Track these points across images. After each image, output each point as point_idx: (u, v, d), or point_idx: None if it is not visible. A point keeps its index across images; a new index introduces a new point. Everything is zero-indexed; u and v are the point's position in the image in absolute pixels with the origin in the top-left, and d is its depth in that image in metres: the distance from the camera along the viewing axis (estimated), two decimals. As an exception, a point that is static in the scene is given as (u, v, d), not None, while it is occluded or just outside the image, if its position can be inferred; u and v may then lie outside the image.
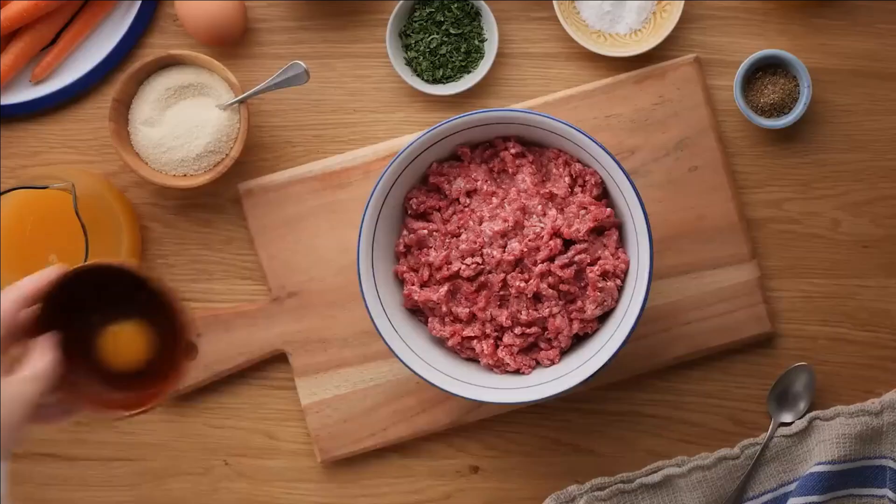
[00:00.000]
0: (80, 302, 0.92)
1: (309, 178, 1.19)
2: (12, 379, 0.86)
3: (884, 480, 1.16)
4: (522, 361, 1.11)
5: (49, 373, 0.87)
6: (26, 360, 0.87)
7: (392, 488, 1.21)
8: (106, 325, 0.94)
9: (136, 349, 0.95)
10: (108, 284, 0.92)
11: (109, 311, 0.94)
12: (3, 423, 0.84)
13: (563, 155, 1.12)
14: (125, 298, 0.94)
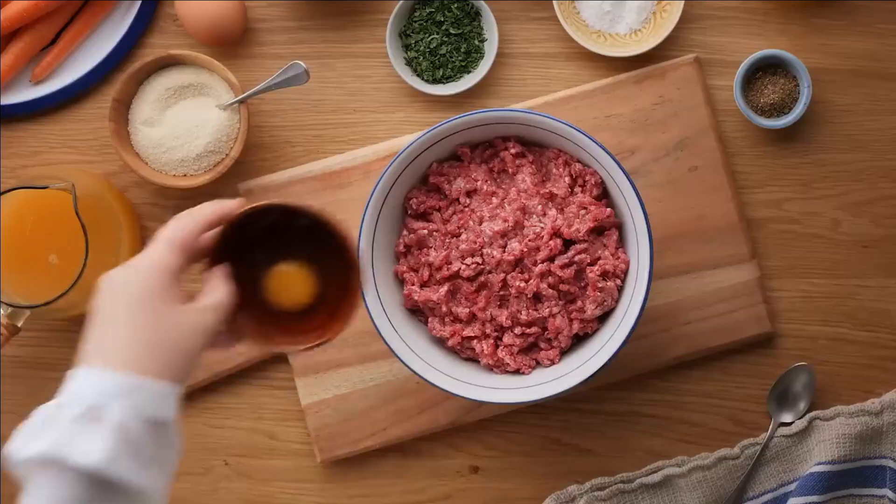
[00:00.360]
0: (251, 237, 0.93)
1: (309, 178, 1.19)
2: (194, 307, 0.87)
3: (884, 480, 1.16)
4: (522, 361, 1.11)
5: (225, 304, 0.89)
6: (205, 290, 0.89)
7: (392, 488, 1.21)
8: (274, 262, 0.95)
9: (301, 290, 0.96)
10: (280, 223, 0.93)
11: (279, 249, 0.95)
12: (186, 350, 0.85)
13: (563, 155, 1.12)
14: (296, 238, 0.94)
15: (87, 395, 0.80)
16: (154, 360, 0.83)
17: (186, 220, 0.89)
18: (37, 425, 0.79)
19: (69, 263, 1.10)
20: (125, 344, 0.83)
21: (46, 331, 1.22)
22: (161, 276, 0.86)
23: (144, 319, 0.84)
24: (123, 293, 0.85)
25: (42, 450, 0.77)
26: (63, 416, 0.79)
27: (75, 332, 1.21)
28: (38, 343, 1.22)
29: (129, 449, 0.79)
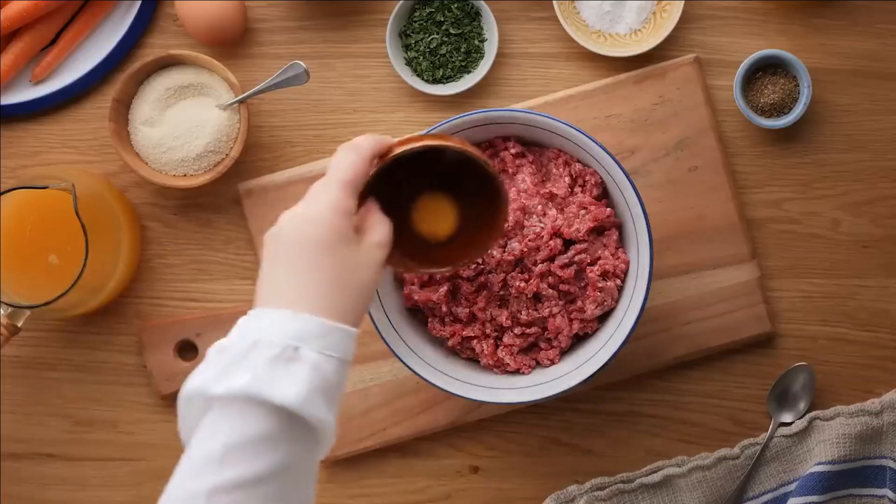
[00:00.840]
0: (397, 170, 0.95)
1: (309, 178, 1.19)
2: (366, 245, 0.90)
3: (884, 480, 1.16)
4: (522, 361, 1.11)
5: (389, 239, 0.92)
6: (367, 226, 0.91)
7: (392, 488, 1.21)
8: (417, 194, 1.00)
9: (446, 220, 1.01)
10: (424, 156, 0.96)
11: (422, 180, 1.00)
12: (366, 289, 0.89)
13: (563, 155, 1.12)
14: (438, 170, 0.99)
15: (281, 335, 0.83)
16: (340, 303, 0.87)
17: (355, 158, 0.91)
18: (226, 363, 0.82)
19: (69, 263, 1.10)
20: (314, 288, 0.86)
21: (46, 331, 1.22)
22: (342, 218, 0.89)
23: (330, 263, 0.87)
24: (309, 238, 0.87)
25: (242, 386, 0.80)
26: (261, 356, 0.82)
27: (75, 332, 1.21)
28: (38, 343, 1.22)
29: (322, 388, 0.82)
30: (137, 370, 1.22)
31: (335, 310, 0.86)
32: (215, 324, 1.20)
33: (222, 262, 1.22)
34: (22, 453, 1.22)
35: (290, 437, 0.81)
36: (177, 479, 0.80)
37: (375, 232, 0.91)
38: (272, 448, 0.80)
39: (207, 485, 0.78)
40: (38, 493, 1.22)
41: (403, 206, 0.99)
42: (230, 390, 0.80)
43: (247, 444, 0.79)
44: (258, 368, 0.81)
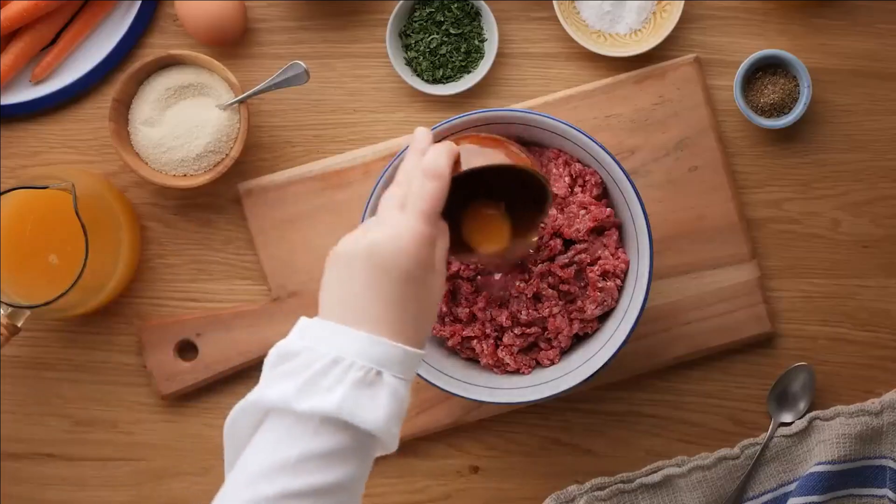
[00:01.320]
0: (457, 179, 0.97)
1: (309, 178, 1.19)
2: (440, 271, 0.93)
3: (884, 480, 1.16)
4: (522, 361, 1.11)
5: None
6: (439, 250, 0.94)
7: (392, 488, 1.21)
8: (468, 203, 1.03)
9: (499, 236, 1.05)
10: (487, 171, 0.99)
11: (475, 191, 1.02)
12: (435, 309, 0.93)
13: (563, 155, 1.12)
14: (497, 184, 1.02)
15: (365, 358, 0.86)
16: (415, 329, 0.90)
17: (439, 186, 0.92)
18: (308, 378, 0.85)
19: (69, 263, 1.10)
20: (396, 315, 0.88)
21: (46, 331, 1.22)
22: (429, 251, 0.91)
23: (414, 294, 0.90)
24: (396, 267, 0.89)
25: (330, 409, 0.83)
26: (346, 377, 0.85)
27: (75, 332, 1.21)
28: (38, 343, 1.22)
29: (398, 412, 0.87)
30: (137, 370, 1.22)
31: (411, 336, 0.89)
32: (215, 324, 1.20)
33: (222, 262, 1.22)
34: (22, 453, 1.22)
35: (363, 453, 0.86)
36: (239, 483, 0.83)
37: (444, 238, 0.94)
38: (345, 461, 0.84)
39: (279, 488, 0.81)
40: (38, 493, 1.22)
41: (452, 209, 0.99)
42: (316, 409, 0.83)
43: (322, 456, 0.83)
44: (345, 390, 0.84)
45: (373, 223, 0.92)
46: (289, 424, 0.84)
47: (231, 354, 1.20)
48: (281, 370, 0.86)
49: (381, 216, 0.92)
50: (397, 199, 0.92)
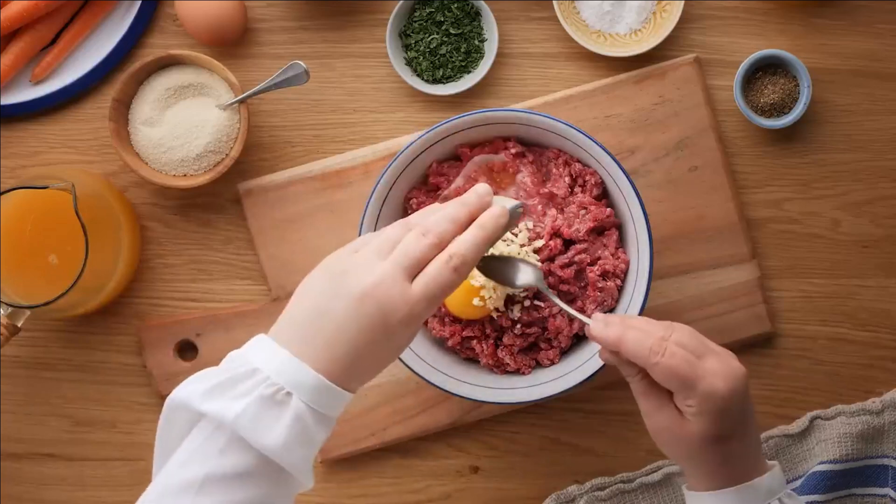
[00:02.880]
0: None
1: (309, 178, 1.19)
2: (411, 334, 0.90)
3: (885, 480, 1.16)
4: (522, 361, 1.11)
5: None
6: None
7: (392, 488, 1.21)
8: None
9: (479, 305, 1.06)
10: None
11: None
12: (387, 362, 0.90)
13: (563, 155, 1.12)
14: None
15: (281, 376, 0.85)
16: (360, 375, 0.88)
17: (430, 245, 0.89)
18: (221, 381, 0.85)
19: (69, 263, 1.10)
20: (342, 352, 0.86)
21: (46, 331, 1.22)
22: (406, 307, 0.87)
23: (375, 344, 0.87)
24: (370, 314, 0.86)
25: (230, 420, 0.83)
26: (256, 392, 0.84)
27: (75, 332, 1.21)
28: (38, 343, 1.22)
29: (301, 438, 0.85)
30: (137, 370, 1.22)
31: (346, 375, 0.87)
32: (215, 324, 1.20)
33: (222, 262, 1.22)
34: (22, 453, 1.22)
35: (268, 477, 0.84)
36: (153, 495, 0.85)
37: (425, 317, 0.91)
38: (249, 484, 0.84)
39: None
40: (38, 493, 1.22)
41: None
42: (214, 414, 0.83)
43: (225, 478, 0.83)
44: (248, 402, 0.84)
45: (371, 251, 0.89)
46: (205, 437, 0.84)
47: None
48: (209, 371, 0.87)
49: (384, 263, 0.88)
50: (411, 257, 0.88)
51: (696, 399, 0.92)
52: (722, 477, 0.94)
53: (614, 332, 0.94)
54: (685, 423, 0.93)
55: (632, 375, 0.95)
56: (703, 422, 0.92)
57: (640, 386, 0.95)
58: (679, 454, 0.95)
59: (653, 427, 0.96)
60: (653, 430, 0.96)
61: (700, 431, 0.93)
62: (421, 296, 0.87)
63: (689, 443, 0.93)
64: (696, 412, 0.92)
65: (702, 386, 0.92)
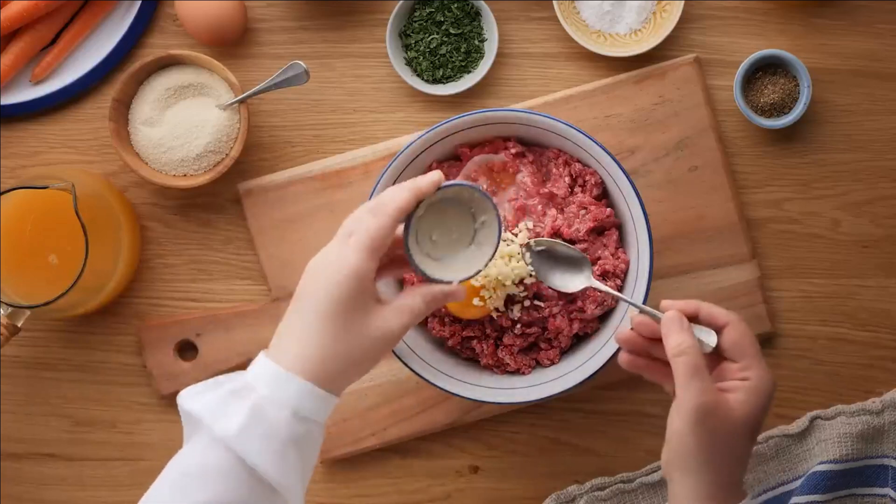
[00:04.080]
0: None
1: (309, 178, 1.19)
2: (389, 308, 0.91)
3: (885, 480, 1.16)
4: (522, 361, 1.11)
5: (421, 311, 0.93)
6: (399, 304, 0.92)
7: (392, 488, 1.21)
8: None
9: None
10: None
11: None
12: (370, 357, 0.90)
13: (563, 155, 1.12)
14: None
15: (251, 375, 0.88)
16: (334, 372, 0.89)
17: (381, 221, 0.90)
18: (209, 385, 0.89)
19: (69, 263, 1.10)
20: (311, 352, 0.88)
21: (46, 331, 1.22)
22: (358, 283, 0.89)
23: (336, 331, 0.88)
24: (324, 298, 0.88)
25: (197, 410, 0.86)
26: (225, 387, 0.87)
27: (75, 332, 1.21)
28: (38, 343, 1.22)
29: (263, 432, 0.84)
30: (137, 370, 1.22)
31: (328, 378, 0.88)
32: (215, 324, 1.20)
33: (222, 262, 1.22)
34: (22, 453, 1.22)
35: (237, 477, 0.85)
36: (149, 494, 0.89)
37: (407, 298, 0.92)
38: (219, 482, 0.85)
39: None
40: (38, 493, 1.22)
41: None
42: (184, 406, 0.87)
43: (197, 474, 0.85)
44: (215, 397, 0.87)
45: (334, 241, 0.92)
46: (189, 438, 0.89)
47: (231, 354, 1.20)
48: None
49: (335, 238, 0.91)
50: (347, 228, 0.91)
51: (756, 373, 0.93)
52: (719, 487, 0.92)
53: (690, 301, 0.96)
54: (733, 407, 0.92)
55: (691, 346, 0.92)
56: (752, 402, 0.92)
57: (697, 360, 0.92)
58: (711, 446, 0.92)
59: (702, 410, 0.91)
60: (700, 415, 0.91)
61: (747, 414, 0.92)
62: (353, 247, 0.89)
63: (732, 427, 0.92)
64: (753, 387, 0.93)
65: (763, 364, 0.94)
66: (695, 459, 0.92)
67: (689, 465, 0.93)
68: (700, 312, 0.96)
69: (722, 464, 0.92)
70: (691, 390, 0.92)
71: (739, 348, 0.94)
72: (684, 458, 0.93)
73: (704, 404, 0.91)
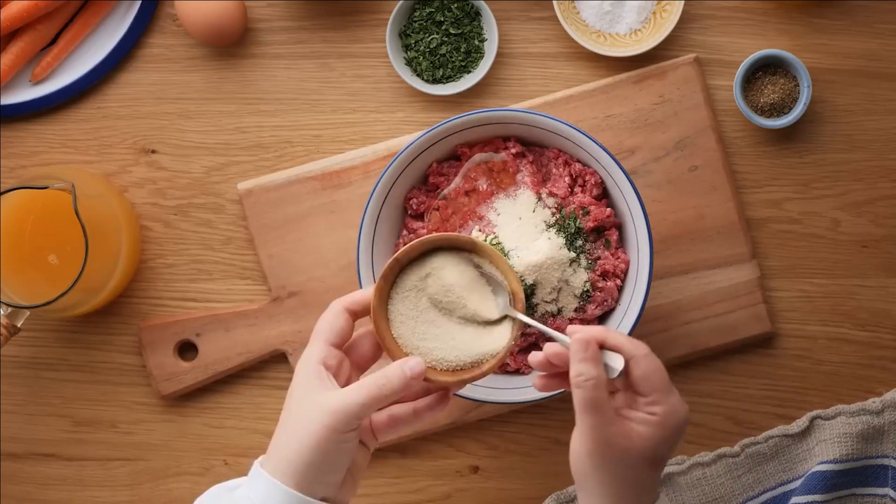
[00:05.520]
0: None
1: (309, 178, 1.19)
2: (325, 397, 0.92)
3: (885, 480, 1.16)
4: (522, 361, 1.11)
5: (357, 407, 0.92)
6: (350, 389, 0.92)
7: (392, 488, 1.21)
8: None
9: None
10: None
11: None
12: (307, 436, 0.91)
13: (563, 155, 1.12)
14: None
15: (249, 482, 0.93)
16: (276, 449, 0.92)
17: (325, 314, 0.96)
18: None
19: (69, 263, 1.10)
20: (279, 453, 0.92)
21: (46, 331, 1.22)
22: (311, 367, 0.93)
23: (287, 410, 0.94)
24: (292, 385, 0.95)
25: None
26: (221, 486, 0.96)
27: (75, 332, 1.22)
28: (38, 343, 1.22)
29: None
30: (137, 370, 1.22)
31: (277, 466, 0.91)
32: (215, 324, 1.20)
33: (222, 262, 1.22)
34: (22, 453, 1.22)
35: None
36: None
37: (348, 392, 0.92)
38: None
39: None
40: (38, 493, 1.22)
41: None
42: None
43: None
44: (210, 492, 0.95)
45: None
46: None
47: (231, 354, 1.20)
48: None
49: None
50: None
51: (663, 408, 0.92)
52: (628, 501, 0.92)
53: (599, 328, 0.94)
54: (633, 440, 0.91)
55: (590, 379, 0.90)
56: (656, 438, 0.91)
57: (594, 394, 0.90)
58: (607, 474, 0.91)
59: (596, 441, 0.90)
60: (594, 446, 0.90)
61: (648, 448, 0.91)
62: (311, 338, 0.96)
63: (630, 461, 0.91)
64: (658, 422, 0.91)
65: (673, 399, 0.92)
66: (592, 484, 0.92)
67: (589, 489, 0.92)
68: (607, 342, 0.94)
69: (620, 490, 0.91)
70: (584, 423, 0.91)
71: (647, 383, 0.92)
72: (583, 481, 0.93)
73: (596, 438, 0.90)
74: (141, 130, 1.22)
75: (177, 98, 1.22)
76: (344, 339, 0.96)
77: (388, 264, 0.97)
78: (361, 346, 0.98)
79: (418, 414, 0.97)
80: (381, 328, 0.97)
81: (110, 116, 1.22)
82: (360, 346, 0.98)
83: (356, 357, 0.98)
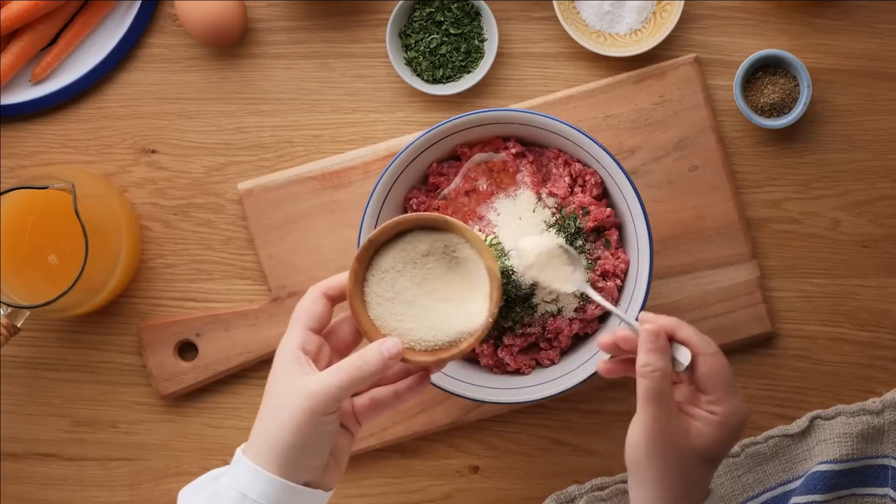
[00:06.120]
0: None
1: (309, 178, 1.19)
2: (303, 381, 0.91)
3: (885, 480, 1.16)
4: (522, 361, 1.11)
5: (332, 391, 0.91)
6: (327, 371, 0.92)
7: (392, 488, 1.21)
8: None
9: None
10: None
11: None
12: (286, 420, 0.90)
13: (563, 155, 1.12)
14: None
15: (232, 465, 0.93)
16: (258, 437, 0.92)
17: (304, 298, 0.96)
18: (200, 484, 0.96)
19: (69, 263, 1.10)
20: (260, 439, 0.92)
21: (46, 331, 1.22)
22: (287, 352, 0.93)
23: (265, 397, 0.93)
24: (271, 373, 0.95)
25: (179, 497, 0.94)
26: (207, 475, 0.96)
27: (75, 332, 1.22)
28: (38, 343, 1.22)
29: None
30: (137, 370, 1.22)
31: (258, 451, 0.91)
32: (215, 324, 1.20)
33: (222, 262, 1.22)
34: (22, 453, 1.22)
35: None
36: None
37: (326, 375, 0.91)
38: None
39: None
40: (38, 493, 1.22)
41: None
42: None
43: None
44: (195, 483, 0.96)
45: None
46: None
47: (231, 354, 1.20)
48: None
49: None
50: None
51: (725, 409, 0.92)
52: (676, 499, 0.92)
53: (671, 319, 0.94)
54: (691, 436, 0.92)
55: (657, 371, 0.91)
56: (714, 437, 0.91)
57: (659, 385, 0.91)
58: (662, 466, 0.92)
59: (655, 433, 0.91)
60: (652, 437, 0.91)
61: (704, 446, 0.92)
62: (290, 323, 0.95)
63: (686, 456, 0.91)
64: (718, 422, 0.92)
65: (735, 400, 0.92)
66: (646, 474, 0.93)
67: (642, 478, 0.93)
68: (676, 334, 0.94)
69: (674, 485, 0.92)
70: (646, 413, 0.91)
71: (710, 381, 0.92)
72: (636, 470, 0.93)
73: (655, 430, 0.91)
74: (141, 130, 1.22)
75: (177, 98, 1.22)
76: (322, 325, 0.95)
77: (361, 246, 0.97)
78: (341, 330, 0.98)
79: (399, 396, 0.96)
80: (358, 310, 0.97)
81: (110, 116, 1.22)
82: (340, 330, 0.98)
83: (336, 342, 0.98)
